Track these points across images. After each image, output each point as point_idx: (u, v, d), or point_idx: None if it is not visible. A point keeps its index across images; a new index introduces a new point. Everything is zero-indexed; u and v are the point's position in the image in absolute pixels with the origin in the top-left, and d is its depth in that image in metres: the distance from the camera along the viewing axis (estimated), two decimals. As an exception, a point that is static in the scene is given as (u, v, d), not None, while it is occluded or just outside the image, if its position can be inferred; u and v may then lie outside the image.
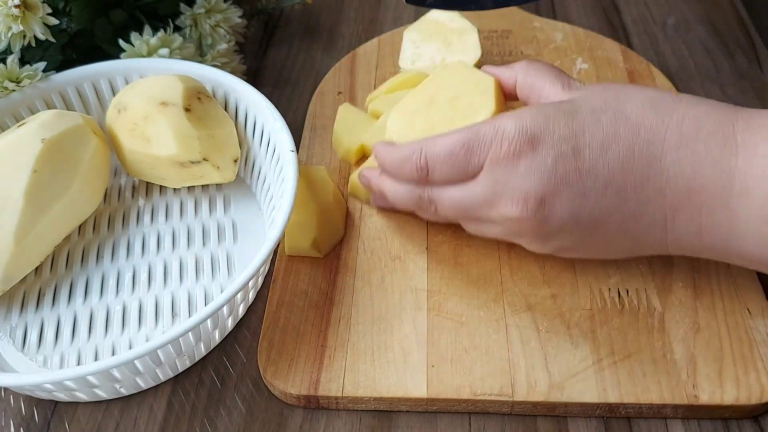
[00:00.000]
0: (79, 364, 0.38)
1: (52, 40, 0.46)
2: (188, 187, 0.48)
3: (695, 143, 0.33)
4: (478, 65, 0.50)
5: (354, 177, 0.45)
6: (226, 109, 0.47)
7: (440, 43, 0.51)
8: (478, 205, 0.36)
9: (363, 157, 0.48)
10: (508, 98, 0.41)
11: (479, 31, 0.53)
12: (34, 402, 0.38)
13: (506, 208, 0.35)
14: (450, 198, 0.37)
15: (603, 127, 0.34)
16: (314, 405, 0.36)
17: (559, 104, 0.36)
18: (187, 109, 0.43)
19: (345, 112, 0.49)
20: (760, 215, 0.32)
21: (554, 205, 0.34)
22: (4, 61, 0.44)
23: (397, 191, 0.40)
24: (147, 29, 0.49)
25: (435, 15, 0.52)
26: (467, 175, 0.36)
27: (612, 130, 0.34)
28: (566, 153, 0.34)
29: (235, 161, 0.44)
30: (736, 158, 0.32)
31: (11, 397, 0.38)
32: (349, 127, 0.48)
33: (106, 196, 0.47)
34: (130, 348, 0.38)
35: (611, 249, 0.37)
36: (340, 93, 0.54)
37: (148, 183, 0.48)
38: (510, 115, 0.35)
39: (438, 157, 0.36)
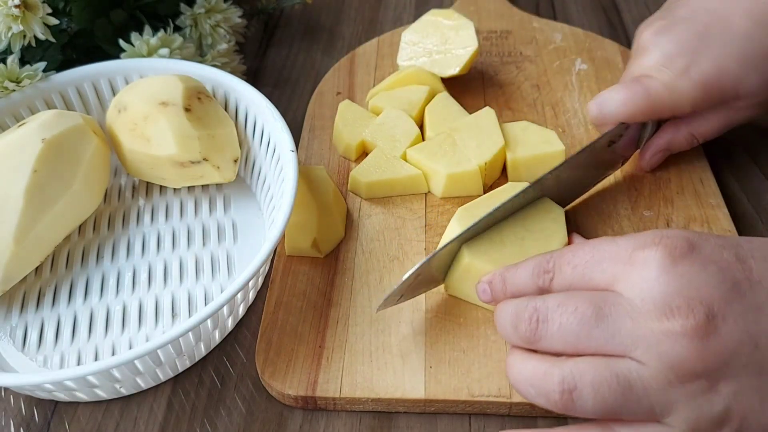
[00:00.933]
0: (79, 364, 0.38)
1: (52, 40, 0.46)
2: (188, 187, 0.48)
3: None
4: (476, 56, 0.51)
5: (354, 173, 0.45)
6: (226, 109, 0.47)
7: (437, 39, 0.52)
8: (623, 321, 0.28)
9: (363, 153, 0.48)
10: None
11: (478, 31, 0.53)
12: (34, 402, 0.38)
13: (662, 318, 0.27)
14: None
15: (759, 244, 0.29)
16: (312, 406, 0.36)
17: None
18: (187, 109, 0.43)
19: (345, 108, 0.49)
20: None
21: (726, 318, 0.27)
22: (4, 61, 0.44)
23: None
24: (147, 29, 0.49)
25: (431, 16, 0.52)
26: (599, 284, 0.29)
27: None
28: (730, 260, 0.28)
29: (235, 161, 0.44)
30: None
31: (11, 397, 0.38)
32: (349, 124, 0.48)
33: (106, 196, 0.47)
34: (130, 348, 0.38)
35: None
36: (339, 93, 0.54)
37: (148, 183, 0.48)
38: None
39: (564, 259, 0.31)
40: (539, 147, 0.45)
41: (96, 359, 0.38)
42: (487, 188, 0.46)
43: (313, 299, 0.40)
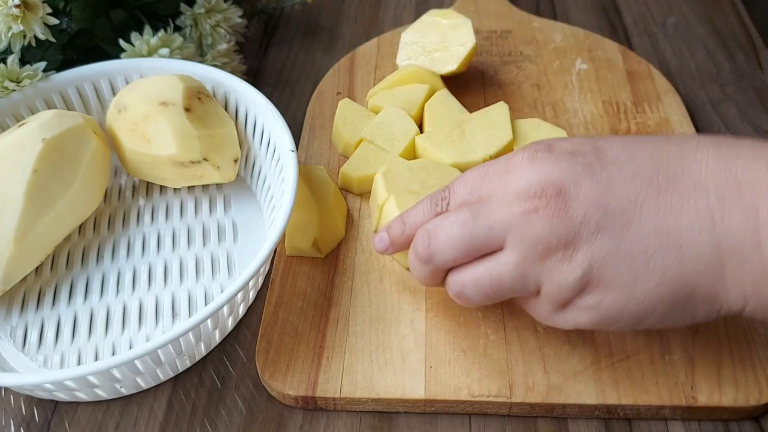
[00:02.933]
0: (79, 363, 0.38)
1: (53, 40, 0.46)
2: (188, 187, 0.48)
3: (737, 146, 0.29)
4: (474, 53, 0.51)
5: (344, 169, 0.46)
6: (226, 108, 0.47)
7: (436, 37, 0.52)
8: (495, 215, 0.31)
9: None
10: None
11: (478, 31, 0.53)
12: (34, 402, 0.38)
13: (523, 203, 0.30)
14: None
15: (624, 139, 0.32)
16: (312, 406, 0.36)
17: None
18: (187, 109, 0.43)
19: (345, 107, 0.49)
20: None
21: (575, 191, 0.29)
22: (4, 61, 0.44)
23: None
24: (147, 29, 0.49)
25: (430, 17, 0.53)
26: (482, 197, 0.33)
27: (636, 140, 0.31)
28: (586, 151, 0.31)
29: (236, 161, 0.44)
30: None
31: (11, 396, 0.38)
32: (349, 122, 0.48)
33: (106, 195, 0.47)
34: (131, 348, 0.38)
35: (656, 270, 0.29)
36: (339, 93, 0.54)
37: (148, 183, 0.48)
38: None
39: (457, 183, 0.34)
40: None
41: (96, 359, 0.38)
42: None
43: (314, 299, 0.40)
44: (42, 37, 0.45)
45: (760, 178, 0.28)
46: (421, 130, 0.48)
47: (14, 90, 0.45)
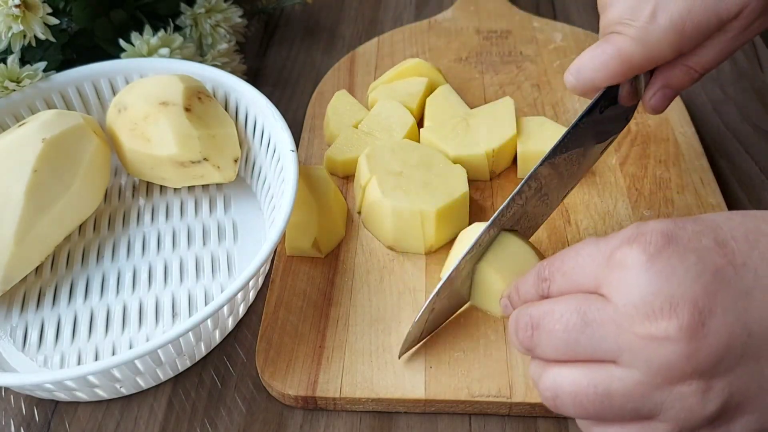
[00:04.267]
0: (79, 363, 0.38)
1: (53, 39, 0.46)
2: (188, 187, 0.48)
3: None
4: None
5: (329, 153, 0.46)
6: (226, 108, 0.47)
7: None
8: (608, 328, 0.26)
9: None
10: None
11: (478, 31, 0.53)
12: (34, 402, 0.38)
13: (645, 322, 0.25)
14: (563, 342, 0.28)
15: (739, 223, 0.27)
16: (312, 406, 0.36)
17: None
18: (187, 109, 0.43)
19: (340, 98, 0.50)
20: None
21: (713, 311, 0.25)
22: (4, 60, 0.44)
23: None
24: (147, 29, 0.49)
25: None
26: (587, 287, 0.28)
27: (752, 225, 0.27)
28: (709, 246, 0.26)
29: (236, 161, 0.44)
30: None
31: (12, 396, 0.38)
32: (339, 113, 0.49)
33: (106, 195, 0.47)
34: (131, 348, 0.38)
35: None
36: (340, 93, 0.54)
37: (148, 183, 0.48)
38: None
39: (560, 267, 0.30)
40: (551, 143, 0.45)
41: (96, 359, 0.38)
42: (494, 176, 0.47)
43: (314, 299, 0.40)
44: (42, 37, 0.45)
45: None
46: (421, 125, 0.49)
47: (14, 90, 0.45)
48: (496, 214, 0.36)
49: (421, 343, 0.37)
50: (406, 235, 0.41)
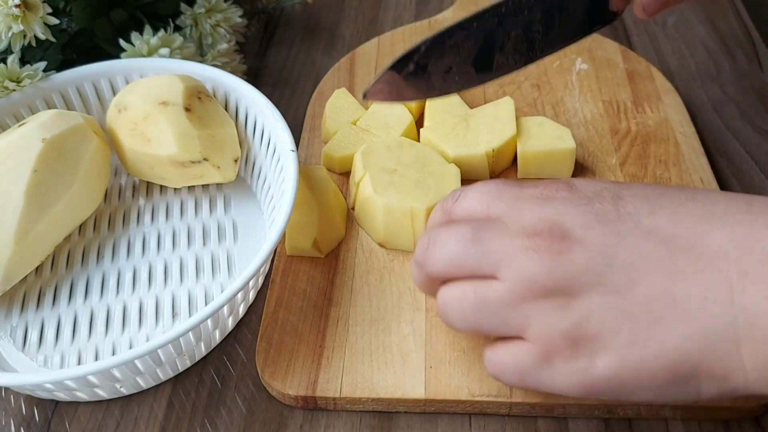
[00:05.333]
0: (79, 363, 0.38)
1: (53, 39, 0.46)
2: (188, 187, 0.48)
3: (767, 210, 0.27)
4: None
5: (326, 149, 0.47)
6: (226, 108, 0.47)
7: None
8: (494, 242, 0.29)
9: None
10: None
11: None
12: (34, 401, 0.38)
13: (525, 238, 0.28)
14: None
15: (646, 187, 0.30)
16: (312, 406, 0.36)
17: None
18: (187, 109, 0.43)
19: (339, 95, 0.50)
20: None
21: (583, 237, 0.27)
22: (4, 60, 0.44)
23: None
24: (147, 29, 0.49)
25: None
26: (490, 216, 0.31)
27: (657, 190, 0.29)
28: (605, 198, 0.29)
29: (236, 161, 0.44)
30: None
31: (12, 396, 0.38)
32: (337, 110, 0.49)
33: (106, 195, 0.47)
34: (131, 348, 0.38)
35: (658, 337, 0.26)
36: (340, 93, 0.54)
37: (148, 183, 0.48)
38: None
39: (468, 193, 0.32)
40: (550, 143, 0.45)
41: (96, 359, 0.38)
42: (494, 176, 0.47)
43: (314, 299, 0.40)
44: (42, 36, 0.45)
45: None
46: (421, 124, 0.49)
47: (14, 90, 0.45)
48: (466, 16, 0.37)
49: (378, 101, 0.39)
50: (396, 232, 0.41)
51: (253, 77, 0.58)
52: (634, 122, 0.50)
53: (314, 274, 0.41)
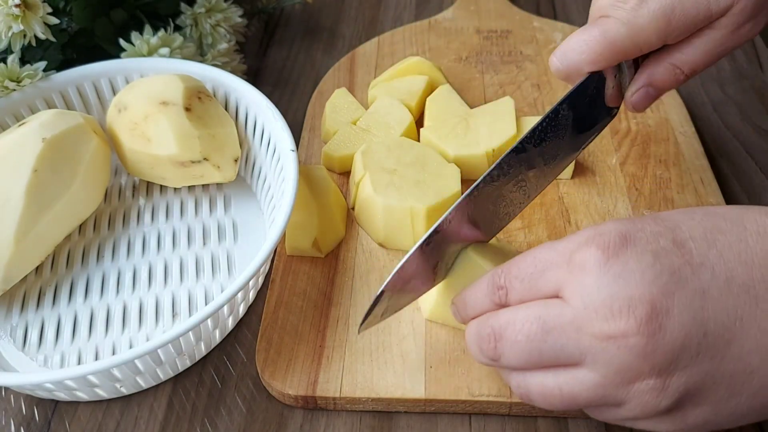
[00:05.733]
0: (79, 363, 0.38)
1: (53, 39, 0.46)
2: (188, 187, 0.48)
3: None
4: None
5: (326, 149, 0.47)
6: (226, 108, 0.47)
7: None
8: (568, 334, 0.27)
9: None
10: None
11: (478, 30, 0.53)
12: (34, 401, 0.38)
13: (604, 324, 0.26)
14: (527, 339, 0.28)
15: (699, 222, 0.28)
16: (312, 405, 0.36)
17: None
18: (187, 109, 0.43)
19: (340, 95, 0.50)
20: None
21: (669, 310, 0.26)
22: (4, 60, 0.44)
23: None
24: (147, 29, 0.49)
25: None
26: (547, 292, 0.29)
27: (711, 223, 0.28)
28: (667, 247, 0.27)
29: (236, 161, 0.44)
30: None
31: (12, 396, 0.38)
32: (337, 110, 0.49)
33: (106, 195, 0.47)
34: (131, 347, 0.38)
35: (751, 389, 0.26)
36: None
37: (148, 182, 0.48)
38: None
39: (518, 274, 0.30)
40: None
41: (96, 359, 0.38)
42: None
43: (314, 299, 0.40)
44: (42, 36, 0.45)
45: None
46: (421, 124, 0.49)
47: (14, 89, 0.45)
48: (465, 193, 0.34)
49: (382, 321, 0.35)
50: (396, 232, 0.42)
51: (253, 77, 0.58)
52: (634, 122, 0.50)
53: (314, 274, 0.41)
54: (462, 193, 0.40)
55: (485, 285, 0.31)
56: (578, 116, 0.37)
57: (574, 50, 0.36)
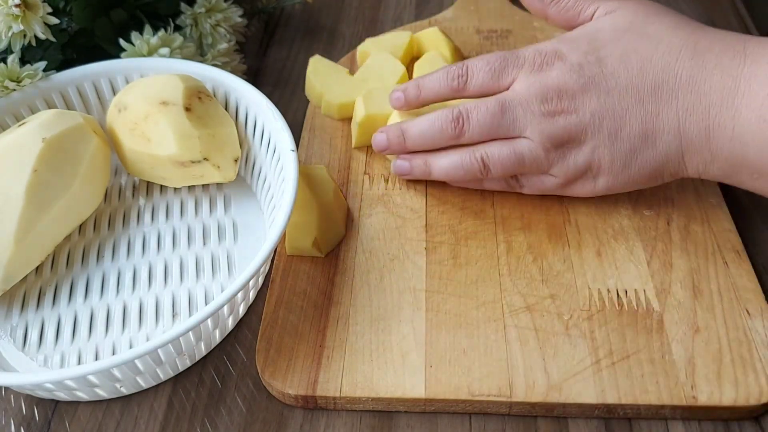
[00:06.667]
0: (79, 363, 0.38)
1: (53, 39, 0.46)
2: (188, 187, 0.48)
3: (707, 54, 0.38)
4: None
5: (327, 97, 0.51)
6: (226, 108, 0.47)
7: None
8: (518, 111, 0.40)
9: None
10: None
11: (478, 31, 0.53)
12: (34, 401, 0.38)
13: (541, 105, 0.39)
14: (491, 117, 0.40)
15: (623, 43, 0.40)
16: (312, 405, 0.36)
17: (584, 27, 0.42)
18: (187, 109, 0.43)
19: (317, 62, 0.53)
20: (760, 114, 0.36)
21: (585, 99, 0.39)
22: (4, 60, 0.44)
23: (444, 160, 0.43)
24: (147, 29, 0.49)
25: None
26: (501, 87, 0.41)
27: (632, 45, 0.39)
28: (591, 61, 0.39)
29: (236, 161, 0.44)
30: (743, 66, 0.37)
31: (12, 396, 0.38)
32: (320, 74, 0.52)
33: (106, 195, 0.47)
34: (131, 347, 0.38)
35: (638, 161, 0.40)
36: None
37: (148, 182, 0.48)
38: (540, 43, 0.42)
39: (476, 66, 0.41)
40: None
41: (96, 359, 0.38)
42: None
43: (314, 298, 0.40)
44: (42, 36, 0.45)
45: (717, 87, 0.37)
46: None
47: (14, 89, 0.45)
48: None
49: None
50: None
51: (253, 77, 0.58)
52: (634, 122, 0.50)
53: (314, 273, 0.41)
54: None
55: (444, 72, 0.43)
56: None
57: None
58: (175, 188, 0.48)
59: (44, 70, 0.46)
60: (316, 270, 0.42)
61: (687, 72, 0.38)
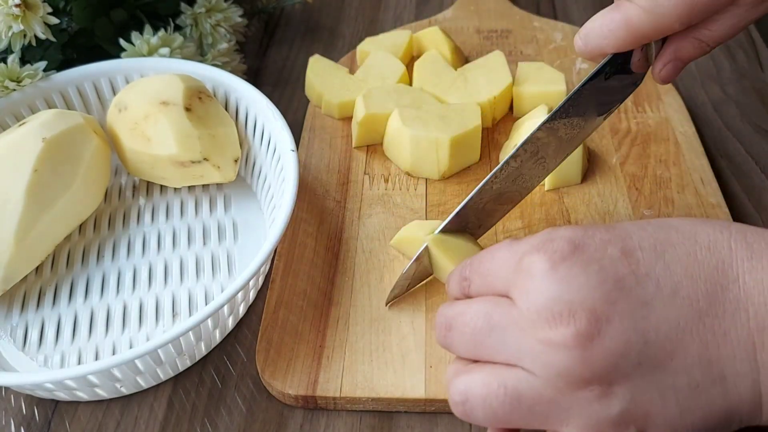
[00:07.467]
0: (79, 363, 0.38)
1: (53, 39, 0.46)
2: (189, 187, 0.48)
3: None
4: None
5: (327, 97, 0.51)
6: (226, 108, 0.47)
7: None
8: (511, 332, 0.27)
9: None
10: None
11: (478, 30, 0.53)
12: (34, 401, 0.38)
13: (546, 328, 0.26)
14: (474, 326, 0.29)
15: (651, 233, 0.28)
16: (312, 405, 0.36)
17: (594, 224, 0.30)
18: (187, 109, 0.43)
19: (316, 61, 0.54)
20: None
21: (610, 317, 0.26)
22: (4, 60, 0.44)
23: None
24: (147, 29, 0.49)
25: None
26: (499, 291, 0.29)
27: (663, 235, 0.28)
28: (614, 255, 0.27)
29: (236, 161, 0.44)
30: None
31: (12, 396, 0.38)
32: (320, 74, 0.53)
33: (106, 195, 0.47)
34: (131, 347, 0.38)
35: (701, 406, 0.26)
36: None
37: (148, 182, 0.48)
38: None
39: (478, 269, 0.31)
40: (543, 85, 0.49)
41: (96, 358, 0.38)
42: (496, 122, 0.51)
43: (314, 298, 0.40)
44: (42, 36, 0.45)
45: None
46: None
47: (14, 89, 0.45)
48: (489, 176, 0.38)
49: (408, 292, 0.40)
50: (422, 161, 0.46)
51: (253, 77, 0.58)
52: (635, 122, 0.50)
53: (314, 273, 0.41)
54: (481, 127, 0.46)
55: (457, 274, 0.32)
56: (600, 92, 0.38)
57: (597, 34, 0.36)
58: (175, 188, 0.48)
59: (44, 70, 0.46)
60: (316, 270, 0.42)
61: (751, 276, 0.27)
